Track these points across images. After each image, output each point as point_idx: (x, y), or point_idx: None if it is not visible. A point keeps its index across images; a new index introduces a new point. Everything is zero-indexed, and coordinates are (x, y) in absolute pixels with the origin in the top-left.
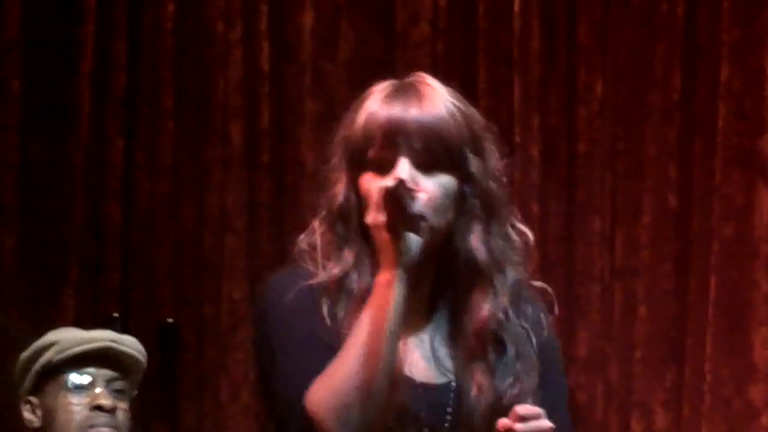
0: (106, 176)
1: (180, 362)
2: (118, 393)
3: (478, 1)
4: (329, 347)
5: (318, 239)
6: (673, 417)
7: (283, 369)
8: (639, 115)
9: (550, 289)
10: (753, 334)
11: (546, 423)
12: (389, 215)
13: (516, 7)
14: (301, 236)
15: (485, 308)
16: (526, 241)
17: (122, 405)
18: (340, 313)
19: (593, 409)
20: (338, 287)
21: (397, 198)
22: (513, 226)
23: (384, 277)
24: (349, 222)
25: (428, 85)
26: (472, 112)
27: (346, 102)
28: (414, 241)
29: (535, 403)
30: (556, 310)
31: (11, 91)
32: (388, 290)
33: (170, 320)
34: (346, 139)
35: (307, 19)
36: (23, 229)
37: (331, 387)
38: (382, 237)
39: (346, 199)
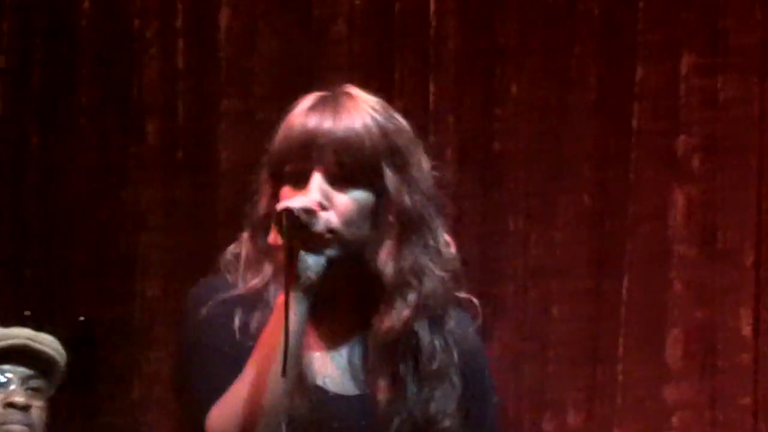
0: (23, 173)
1: (95, 360)
2: (34, 391)
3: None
4: (239, 364)
5: (242, 251)
6: (585, 416)
7: (191, 385)
8: (556, 115)
9: (475, 300)
10: (666, 335)
11: None
12: (283, 238)
13: (432, 7)
14: (230, 247)
15: (387, 322)
16: (450, 253)
17: (38, 403)
18: (255, 325)
19: (506, 408)
20: (255, 300)
21: (291, 222)
22: (436, 238)
23: (282, 298)
24: (269, 235)
25: (350, 96)
26: (397, 124)
27: (264, 100)
28: (314, 262)
29: (460, 414)
30: (479, 321)
31: None
32: (285, 312)
33: (82, 318)
34: (269, 153)
35: (224, 16)
36: None
37: (230, 406)
38: (280, 258)
39: (268, 212)
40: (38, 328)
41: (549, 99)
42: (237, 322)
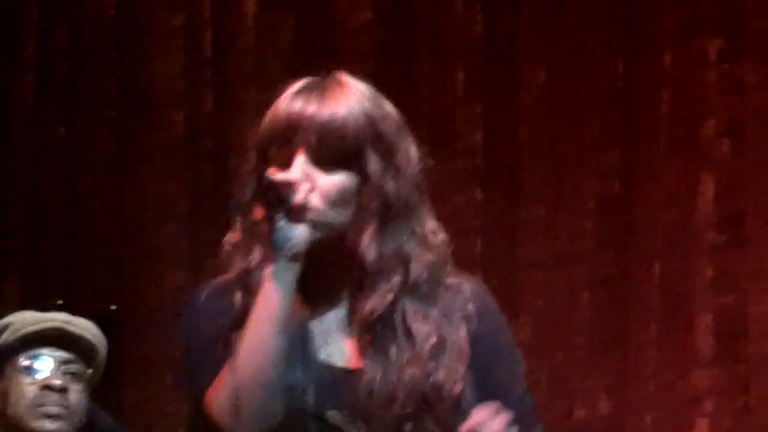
0: (48, 164)
1: (123, 349)
2: (71, 375)
3: None
4: (231, 344)
5: (232, 237)
6: (616, 403)
7: (189, 370)
8: (581, 102)
9: (477, 279)
10: (696, 320)
11: (494, 426)
12: (265, 206)
13: None
14: (228, 235)
15: (368, 305)
16: (438, 238)
17: (75, 387)
18: (243, 307)
19: (536, 395)
20: (245, 282)
21: (274, 190)
22: (423, 224)
23: (268, 269)
24: (256, 218)
25: (338, 82)
26: (383, 110)
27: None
28: (296, 231)
29: (475, 379)
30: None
31: None
32: (273, 282)
33: (113, 307)
34: (255, 136)
35: (250, 5)
36: None
37: (225, 384)
38: (264, 230)
39: (254, 194)
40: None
41: (575, 85)
42: (228, 304)
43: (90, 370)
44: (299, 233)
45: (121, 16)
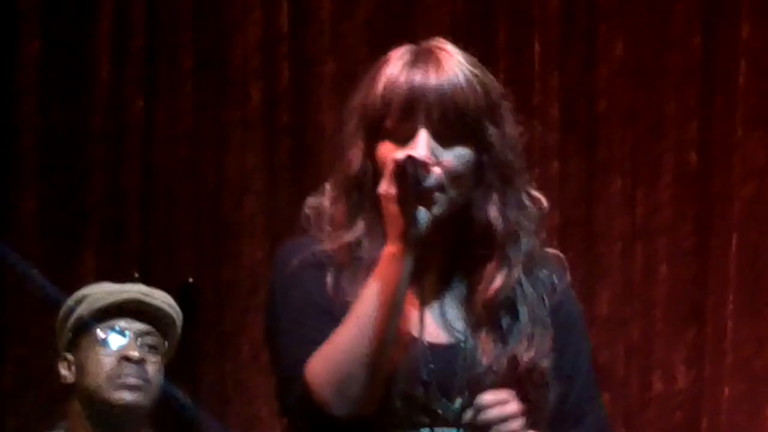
0: (126, 138)
1: (200, 323)
2: (149, 347)
3: None
4: (332, 317)
5: (329, 205)
6: (694, 376)
7: (284, 338)
8: (659, 74)
9: (562, 256)
10: None
11: (509, 408)
12: (399, 188)
13: None
14: (311, 199)
15: (498, 279)
16: (540, 208)
17: (153, 359)
18: (346, 281)
19: (615, 368)
20: (348, 255)
21: (409, 172)
22: (528, 194)
23: (390, 250)
24: (363, 191)
25: (447, 51)
26: (491, 79)
27: (364, 62)
28: (423, 215)
29: (553, 366)
30: (568, 277)
31: (30, 53)
32: (394, 264)
33: (191, 280)
34: (363, 107)
35: None
36: (43, 192)
37: (330, 359)
38: (392, 209)
39: (362, 167)
40: None
41: (653, 58)
42: (329, 278)
43: (166, 343)
44: (425, 216)
45: None
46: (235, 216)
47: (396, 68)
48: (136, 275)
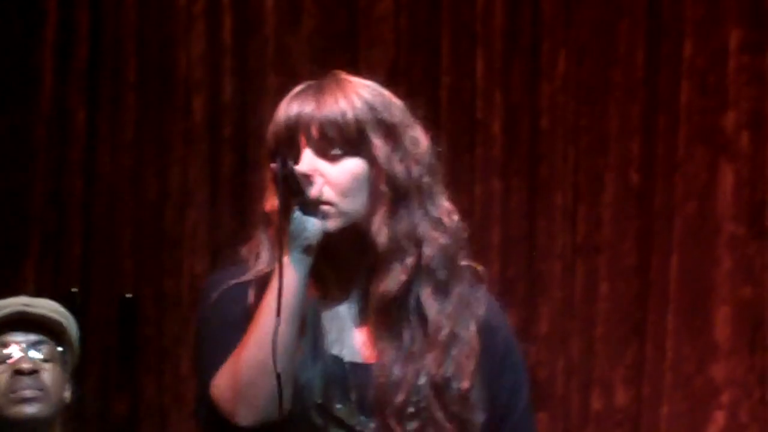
0: (68, 148)
1: (141, 336)
2: (42, 357)
3: None
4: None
5: (251, 242)
6: (633, 394)
7: (203, 358)
8: (602, 91)
9: (480, 269)
10: (714, 312)
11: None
12: (279, 197)
13: None
14: (246, 245)
15: (381, 287)
16: (452, 221)
17: (47, 366)
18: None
19: (554, 385)
20: (263, 283)
21: (288, 180)
22: (437, 206)
23: (283, 261)
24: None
25: (336, 80)
26: (384, 99)
27: (308, 76)
28: (312, 224)
29: (487, 394)
30: (485, 286)
31: None
32: (285, 272)
33: (129, 295)
34: (266, 143)
35: None
36: None
37: (232, 369)
38: (278, 222)
39: (272, 204)
40: (84, 304)
41: (596, 75)
42: (248, 300)
43: (61, 349)
44: (314, 225)
45: (141, 2)
46: (177, 228)
47: (283, 103)
48: (74, 290)
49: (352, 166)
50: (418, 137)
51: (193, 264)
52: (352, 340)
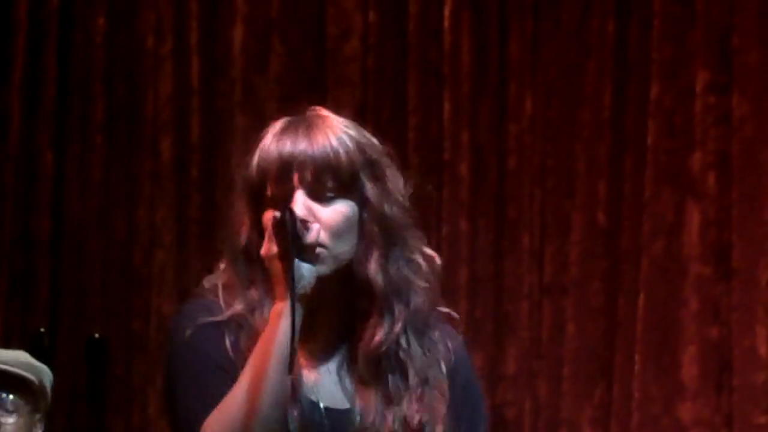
0: (36, 189)
1: (109, 376)
2: (4, 409)
3: (409, 17)
4: (231, 376)
5: (223, 280)
6: None
7: (183, 397)
8: (569, 131)
9: (456, 316)
10: (681, 352)
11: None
12: (279, 244)
13: (446, 23)
14: (208, 277)
15: (378, 334)
16: (433, 266)
17: (11, 419)
18: (244, 343)
19: (521, 426)
20: (241, 323)
21: (287, 227)
22: (419, 250)
23: (277, 307)
24: (253, 262)
25: (320, 117)
26: (368, 137)
27: (275, 117)
28: (307, 270)
29: (451, 422)
30: (461, 336)
31: None
32: (281, 320)
33: (97, 335)
34: (244, 181)
35: (238, 34)
36: None
37: (226, 414)
38: (275, 267)
39: (249, 238)
40: (52, 344)
41: (563, 116)
42: (228, 339)
43: (22, 402)
44: (309, 271)
45: (109, 43)
46: (144, 269)
47: (269, 139)
48: (42, 330)
49: (344, 208)
50: (397, 177)
51: (161, 304)
52: (330, 385)
